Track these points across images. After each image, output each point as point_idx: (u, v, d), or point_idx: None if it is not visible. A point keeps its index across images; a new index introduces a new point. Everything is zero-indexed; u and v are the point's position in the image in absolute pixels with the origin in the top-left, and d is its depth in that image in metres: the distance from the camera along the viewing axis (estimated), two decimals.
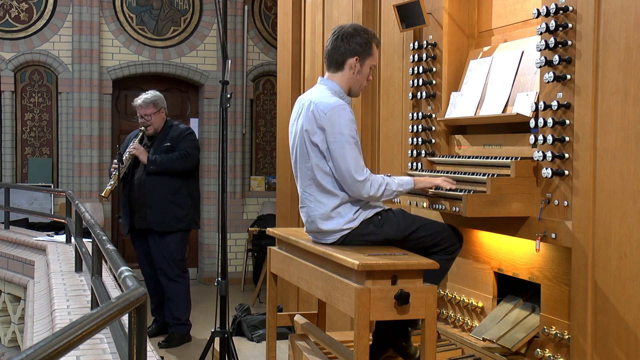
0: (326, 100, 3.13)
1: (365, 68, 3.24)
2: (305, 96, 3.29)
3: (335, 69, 3.26)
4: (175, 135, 5.67)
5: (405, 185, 3.18)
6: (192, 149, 5.63)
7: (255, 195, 8.66)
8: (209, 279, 8.38)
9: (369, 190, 3.07)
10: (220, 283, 4.13)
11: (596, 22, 2.71)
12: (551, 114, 2.89)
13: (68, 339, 1.34)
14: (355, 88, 3.28)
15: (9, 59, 7.86)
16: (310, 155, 3.15)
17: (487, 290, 3.50)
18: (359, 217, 3.13)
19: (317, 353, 3.45)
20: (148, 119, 5.68)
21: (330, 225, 3.14)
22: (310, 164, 3.16)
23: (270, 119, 8.71)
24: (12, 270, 5.87)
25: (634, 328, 2.56)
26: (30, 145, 8.00)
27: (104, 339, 2.95)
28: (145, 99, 5.72)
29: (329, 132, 3.08)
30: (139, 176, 5.61)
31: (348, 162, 3.06)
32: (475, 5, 3.71)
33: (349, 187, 3.09)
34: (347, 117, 3.09)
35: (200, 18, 8.51)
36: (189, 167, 5.61)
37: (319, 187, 3.15)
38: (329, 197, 3.14)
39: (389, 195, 3.13)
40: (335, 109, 3.09)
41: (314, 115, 3.12)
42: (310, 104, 3.16)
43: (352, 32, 3.22)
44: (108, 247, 2.57)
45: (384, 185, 3.10)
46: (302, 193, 3.25)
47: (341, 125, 3.07)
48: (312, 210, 3.19)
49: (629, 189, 2.56)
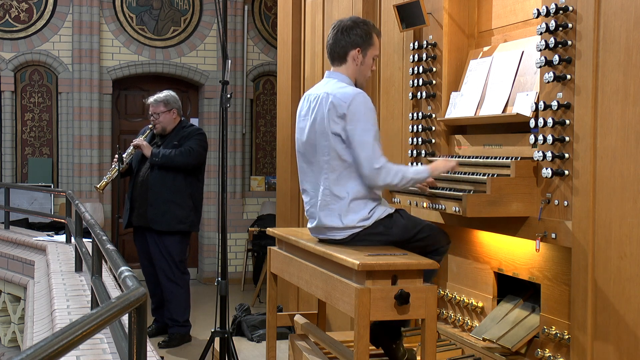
0: (345, 90, 3.15)
1: (368, 59, 3.27)
2: (315, 90, 3.30)
3: (338, 63, 3.28)
4: (184, 135, 5.68)
5: (421, 173, 3.20)
6: (196, 147, 5.60)
7: (255, 195, 8.66)
8: (209, 279, 8.38)
9: (385, 178, 3.08)
10: (220, 283, 4.13)
11: (596, 22, 2.71)
12: (551, 114, 2.89)
13: (68, 339, 1.34)
14: (360, 79, 3.29)
15: (9, 59, 7.86)
16: (330, 148, 3.15)
17: (487, 290, 3.50)
18: (373, 217, 3.14)
19: (317, 353, 3.45)
20: (157, 117, 5.70)
21: (346, 220, 3.14)
22: (327, 157, 3.16)
23: (270, 119, 8.71)
24: (12, 270, 5.87)
25: (634, 328, 2.56)
26: (30, 145, 8.00)
27: (104, 339, 2.95)
28: (157, 97, 5.74)
29: (350, 119, 3.10)
30: (143, 173, 5.62)
31: (367, 150, 3.07)
32: (475, 5, 3.71)
33: (365, 175, 3.10)
34: (368, 106, 3.12)
35: (200, 18, 8.51)
36: (190, 163, 5.58)
37: (336, 181, 3.15)
38: (345, 191, 3.14)
39: (405, 183, 3.14)
40: (356, 97, 3.11)
41: (334, 105, 3.12)
42: (328, 96, 3.16)
43: (351, 24, 3.25)
44: (108, 247, 2.57)
45: (400, 173, 3.11)
46: (316, 187, 3.23)
47: (363, 113, 3.10)
48: (329, 204, 3.17)
49: (629, 189, 2.56)
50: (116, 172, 5.52)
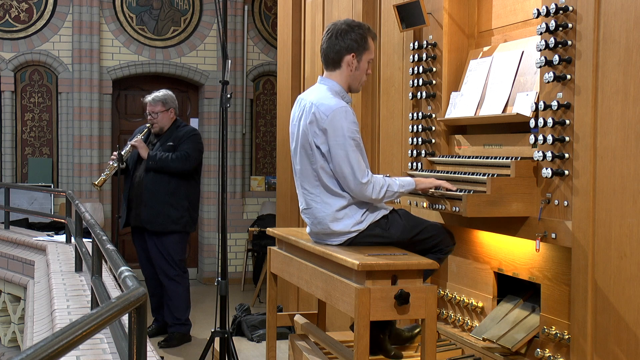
0: (327, 102, 3.11)
1: (363, 63, 3.22)
2: (305, 96, 3.28)
3: (332, 68, 3.25)
4: (180, 135, 5.67)
5: (406, 186, 3.18)
6: (193, 151, 5.61)
7: (255, 195, 8.66)
8: (209, 279, 8.38)
9: (371, 193, 3.07)
10: (220, 283, 4.13)
11: (596, 22, 2.71)
12: (551, 114, 2.89)
13: (68, 339, 1.34)
14: (354, 84, 3.26)
15: (9, 59, 7.86)
16: (315, 157, 3.14)
17: (487, 290, 3.50)
18: (367, 220, 3.13)
19: (317, 353, 3.45)
20: (155, 116, 5.70)
21: (339, 227, 3.13)
22: (316, 166, 3.15)
23: (270, 119, 8.71)
24: (12, 270, 5.87)
25: (634, 328, 2.56)
26: (30, 145, 8.00)
27: (104, 339, 2.95)
28: (155, 96, 5.74)
29: (331, 135, 3.07)
30: (140, 173, 5.63)
31: (350, 165, 3.05)
32: (475, 5, 3.71)
33: (351, 190, 3.09)
34: (349, 120, 3.08)
35: (200, 18, 8.51)
36: (187, 169, 5.59)
37: (326, 188, 3.14)
38: (336, 198, 3.13)
39: (390, 196, 3.13)
40: (336, 111, 3.07)
41: (315, 118, 3.11)
42: (312, 106, 3.14)
43: (346, 28, 3.20)
44: (108, 247, 2.57)
45: (386, 187, 3.10)
46: (307, 194, 3.22)
47: (343, 128, 3.06)
48: (319, 212, 3.17)
49: (629, 189, 2.56)
50: (115, 169, 5.51)
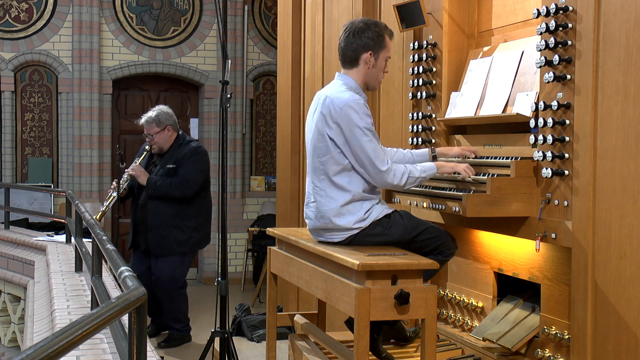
0: (341, 95, 3.15)
1: (380, 61, 3.24)
2: (322, 91, 3.31)
3: (350, 66, 3.26)
4: (180, 156, 5.48)
5: (428, 171, 3.19)
6: (193, 174, 5.43)
7: (255, 195, 8.66)
8: (209, 279, 8.38)
9: (393, 180, 3.10)
10: (220, 283, 4.13)
11: (596, 22, 2.71)
12: (551, 114, 2.89)
13: (68, 339, 1.34)
14: (372, 82, 3.28)
15: (9, 59, 7.86)
16: (325, 150, 3.16)
17: (487, 290, 3.50)
18: (369, 218, 3.13)
19: (317, 353, 3.45)
20: (151, 138, 5.51)
21: (342, 222, 3.13)
22: (324, 159, 3.17)
23: (270, 119, 8.71)
24: (12, 270, 5.87)
25: (634, 328, 2.56)
26: (30, 145, 8.00)
27: (104, 339, 2.95)
28: (148, 117, 5.51)
29: (345, 127, 3.10)
30: (143, 197, 5.52)
31: (368, 154, 3.08)
32: (475, 5, 3.71)
33: (373, 178, 3.11)
34: (362, 111, 3.11)
35: (200, 18, 8.51)
36: (187, 195, 5.44)
37: (331, 182, 3.16)
38: (341, 193, 3.14)
39: (412, 182, 3.15)
40: (349, 103, 3.10)
41: (329, 110, 3.14)
42: (326, 99, 3.17)
43: (363, 26, 3.22)
44: (108, 247, 2.57)
45: (407, 173, 3.12)
46: (313, 188, 3.24)
47: (356, 119, 3.09)
48: (323, 205, 3.18)
49: (629, 189, 2.56)
50: (113, 199, 5.38)
